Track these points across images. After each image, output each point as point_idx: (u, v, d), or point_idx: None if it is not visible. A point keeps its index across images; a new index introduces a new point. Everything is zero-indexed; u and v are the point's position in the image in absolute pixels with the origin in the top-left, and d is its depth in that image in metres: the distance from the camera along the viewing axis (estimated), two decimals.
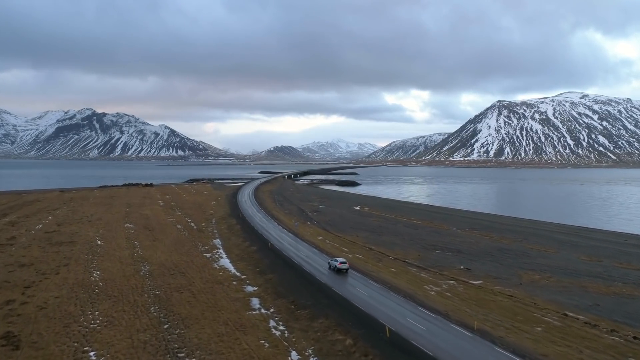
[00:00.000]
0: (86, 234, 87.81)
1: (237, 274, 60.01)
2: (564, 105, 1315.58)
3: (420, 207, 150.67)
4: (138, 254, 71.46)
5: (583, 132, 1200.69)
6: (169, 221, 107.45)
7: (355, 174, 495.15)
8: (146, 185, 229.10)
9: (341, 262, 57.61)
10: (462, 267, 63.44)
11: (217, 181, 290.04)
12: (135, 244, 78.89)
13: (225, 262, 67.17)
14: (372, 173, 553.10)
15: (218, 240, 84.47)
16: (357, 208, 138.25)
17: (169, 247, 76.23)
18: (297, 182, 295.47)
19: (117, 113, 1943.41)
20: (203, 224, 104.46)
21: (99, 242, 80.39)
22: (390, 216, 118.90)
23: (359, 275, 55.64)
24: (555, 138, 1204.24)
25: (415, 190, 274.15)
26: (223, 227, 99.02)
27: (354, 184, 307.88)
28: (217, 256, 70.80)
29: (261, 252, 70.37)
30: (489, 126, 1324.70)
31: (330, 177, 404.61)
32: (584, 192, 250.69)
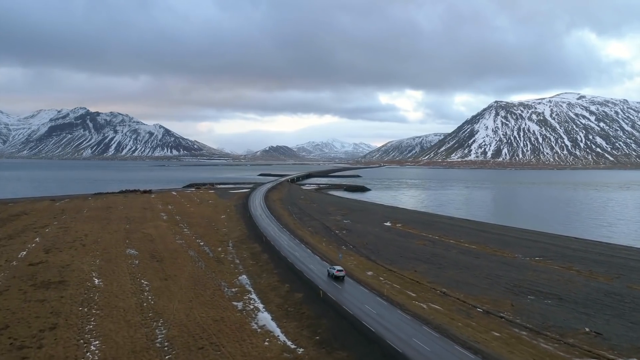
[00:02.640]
0: (80, 268, 71.11)
1: (290, 344, 43.52)
2: (561, 106, 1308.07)
3: (457, 222, 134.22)
4: (149, 303, 54.95)
5: (580, 133, 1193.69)
6: (178, 244, 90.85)
7: (358, 176, 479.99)
8: (145, 192, 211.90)
9: (338, 270, 62.96)
10: (587, 329, 47.37)
11: (219, 186, 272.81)
12: (142, 285, 62.33)
13: (266, 318, 50.61)
14: (374, 175, 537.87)
15: (245, 277, 67.90)
16: (389, 224, 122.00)
17: (186, 291, 59.65)
18: (304, 188, 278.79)
19: (110, 112, 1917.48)
20: (219, 248, 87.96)
21: (97, 282, 63.76)
22: (434, 237, 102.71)
23: (470, 356, 39.11)
24: (552, 139, 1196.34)
25: (430, 197, 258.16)
26: (245, 255, 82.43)
27: (363, 189, 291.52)
28: (251, 307, 54.21)
29: (311, 302, 53.84)
30: (487, 127, 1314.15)
31: (335, 180, 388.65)
32: (611, 200, 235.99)
